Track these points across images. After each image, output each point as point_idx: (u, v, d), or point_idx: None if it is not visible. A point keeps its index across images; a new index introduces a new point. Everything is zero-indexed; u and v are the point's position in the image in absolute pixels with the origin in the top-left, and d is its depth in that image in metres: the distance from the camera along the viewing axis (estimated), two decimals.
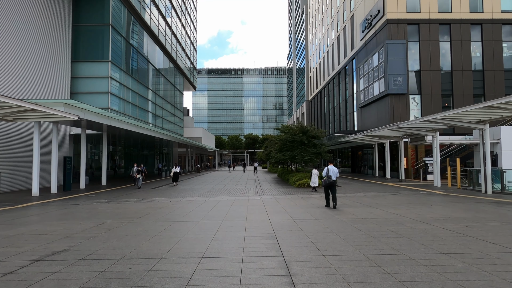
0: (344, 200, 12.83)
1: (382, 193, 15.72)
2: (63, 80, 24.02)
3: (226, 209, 10.47)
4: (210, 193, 16.68)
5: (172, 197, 14.78)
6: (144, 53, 32.74)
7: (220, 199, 14.06)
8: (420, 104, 28.41)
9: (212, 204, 11.95)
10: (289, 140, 22.10)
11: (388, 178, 26.45)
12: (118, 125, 20.20)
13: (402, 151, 24.44)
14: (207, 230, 7.03)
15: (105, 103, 25.12)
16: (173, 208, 10.90)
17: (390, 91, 27.87)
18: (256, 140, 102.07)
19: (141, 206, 11.74)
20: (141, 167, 21.42)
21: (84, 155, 20.54)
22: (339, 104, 44.74)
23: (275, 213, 9.51)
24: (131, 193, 16.83)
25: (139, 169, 19.86)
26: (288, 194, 15.72)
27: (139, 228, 7.31)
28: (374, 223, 7.49)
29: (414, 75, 28.57)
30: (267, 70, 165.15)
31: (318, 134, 22.08)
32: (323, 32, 53.19)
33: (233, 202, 12.77)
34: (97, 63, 25.47)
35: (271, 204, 11.98)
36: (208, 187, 20.60)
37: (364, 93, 33.45)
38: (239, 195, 15.58)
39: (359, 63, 35.73)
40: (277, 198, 13.99)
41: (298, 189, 18.62)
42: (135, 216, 9.10)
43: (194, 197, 14.80)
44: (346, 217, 8.47)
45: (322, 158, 21.98)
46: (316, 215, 9.06)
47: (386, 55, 28.03)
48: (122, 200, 13.95)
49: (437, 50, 28.38)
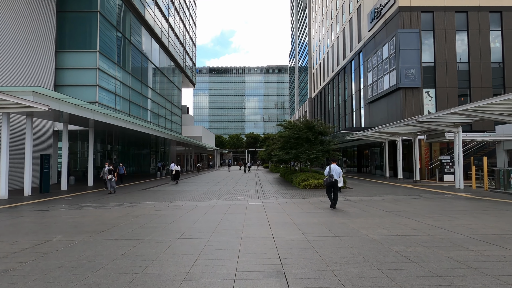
0: (362, 206, 10.70)
1: (402, 196, 13.60)
2: (46, 71, 21.97)
3: (218, 219, 8.37)
4: (204, 196, 14.58)
5: (158, 201, 12.70)
6: (138, 45, 30.68)
7: (214, 203, 11.95)
8: (435, 98, 26.23)
9: (203, 211, 9.85)
10: (293, 136, 19.98)
11: (400, 179, 24.30)
12: (103, 119, 18.15)
13: (417, 149, 22.29)
14: (182, 256, 4.91)
15: (93, 97, 23.06)
16: (152, 217, 8.80)
17: (402, 84, 25.70)
18: (257, 139, 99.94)
19: (116, 213, 9.65)
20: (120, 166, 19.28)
21: (66, 153, 18.48)
22: (344, 101, 42.56)
23: (280, 225, 7.39)
24: (114, 196, 14.75)
25: (110, 169, 16.06)
26: (293, 197, 13.61)
27: (88, 252, 5.19)
28: (421, 245, 5.34)
29: (428, 67, 26.38)
30: (268, 69, 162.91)
31: (325, 130, 19.94)
32: (327, 27, 50.99)
33: (229, 208, 10.67)
34: (83, 53, 23.41)
35: (274, 211, 9.87)
36: (203, 189, 18.50)
37: (373, 87, 31.28)
38: (236, 199, 13.48)
39: (366, 56, 33.54)
40: (281, 203, 11.87)
41: (304, 191, 16.51)
42: (97, 230, 7.01)
43: (184, 201, 12.70)
44: (375, 233, 6.34)
45: (329, 156, 19.84)
46: (334, 228, 6.93)
47: (398, 46, 25.85)
48: (99, 204, 11.87)
49: (453, 40, 26.18)
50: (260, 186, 20.12)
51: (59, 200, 13.53)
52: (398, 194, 14.72)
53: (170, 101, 42.09)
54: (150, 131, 25.53)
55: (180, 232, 6.69)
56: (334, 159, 11.75)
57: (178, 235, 6.39)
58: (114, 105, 25.77)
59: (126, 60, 28.52)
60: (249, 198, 13.68)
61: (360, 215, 8.62)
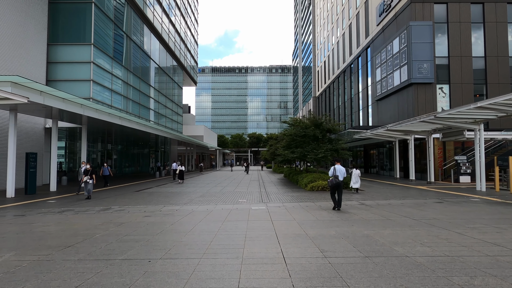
0: (381, 212, 9.29)
1: (422, 200, 12.18)
2: (37, 66, 20.72)
3: (215, 229, 7.00)
4: (202, 199, 13.22)
5: (150, 205, 11.34)
6: (137, 40, 29.39)
7: (212, 208, 10.58)
8: (449, 94, 24.72)
9: (198, 218, 8.48)
10: (300, 134, 18.57)
11: (412, 180, 22.83)
12: (95, 115, 16.85)
13: (431, 148, 20.82)
14: None
15: (87, 92, 21.78)
16: (138, 226, 7.45)
17: (414, 79, 24.22)
18: (260, 139, 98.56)
19: (98, 220, 8.31)
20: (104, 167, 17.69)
21: (55, 152, 17.19)
22: (350, 98, 41.08)
23: (291, 239, 5.99)
24: (103, 199, 13.42)
25: (87, 169, 13.47)
26: (301, 201, 12.21)
27: (30, 283, 3.81)
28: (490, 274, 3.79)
29: (441, 62, 24.88)
30: (271, 69, 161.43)
31: (334, 127, 18.51)
32: (332, 23, 49.53)
33: (229, 213, 9.29)
34: (77, 46, 22.15)
35: (282, 217, 8.49)
36: (203, 190, 17.15)
37: (382, 84, 29.81)
38: (238, 202, 12.11)
39: (375, 51, 32.08)
40: (288, 208, 10.48)
41: (312, 193, 15.11)
42: (63, 244, 5.66)
43: (179, 205, 11.34)
44: (415, 252, 4.92)
45: (338, 156, 18.41)
46: (360, 244, 5.52)
47: (410, 39, 24.38)
48: (83, 209, 10.54)
49: (469, 34, 24.66)
50: (264, 187, 18.74)
51: (42, 203, 12.22)
52: (417, 197, 13.30)
53: (170, 99, 40.81)
54: (149, 129, 24.23)
55: (164, 248, 5.32)
56: (338, 159, 10.73)
57: (161, 253, 5.01)
58: (110, 102, 24.49)
59: (124, 56, 27.24)
60: (252, 202, 12.31)
61: (386, 225, 7.21)
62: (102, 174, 18.96)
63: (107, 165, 18.58)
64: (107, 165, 18.62)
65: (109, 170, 18.99)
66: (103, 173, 18.95)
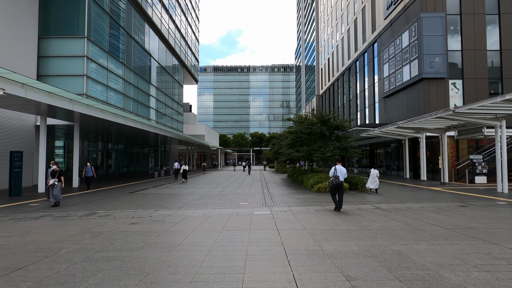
0: (403, 218, 8.04)
1: (443, 203, 10.93)
2: (27, 60, 19.61)
3: (209, 242, 5.78)
4: (200, 202, 12.01)
5: (141, 209, 10.15)
6: (134, 35, 28.22)
7: (209, 213, 9.38)
8: (462, 90, 23.39)
9: (191, 227, 7.28)
10: (305, 132, 17.32)
11: (423, 181, 21.56)
12: (86, 111, 15.71)
13: (445, 146, 19.52)
14: None
15: (80, 88, 20.64)
16: (117, 237, 6.25)
17: (425, 74, 22.91)
18: (263, 139, 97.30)
19: (73, 228, 7.11)
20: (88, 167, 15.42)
21: (43, 151, 16.04)
22: (356, 96, 39.75)
23: (304, 257, 4.75)
24: (91, 202, 12.25)
25: (54, 171, 11.15)
26: (309, 204, 10.98)
27: None
28: None
29: (454, 56, 23.55)
30: (273, 68, 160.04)
31: (342, 124, 17.24)
32: (336, 19, 48.21)
33: (227, 220, 8.08)
34: (70, 39, 21.00)
35: (289, 226, 7.26)
36: (201, 192, 15.95)
37: (390, 80, 28.49)
38: (239, 206, 10.89)
39: (382, 46, 30.76)
40: (295, 212, 9.26)
41: (319, 195, 13.87)
42: (16, 265, 4.46)
43: (173, 209, 10.14)
44: (475, 282, 3.69)
45: (346, 155, 17.17)
46: (394, 266, 4.29)
47: (421, 31, 23.07)
48: (64, 214, 9.37)
49: (483, 25, 23.32)
50: (267, 188, 17.50)
51: (24, 206, 11.06)
52: (436, 200, 12.04)
53: (170, 97, 39.65)
54: (146, 128, 23.06)
55: (140, 273, 4.10)
56: (339, 159, 10.30)
57: (133, 281, 3.79)
58: (105, 98, 23.35)
59: (121, 50, 26.09)
60: (254, 205, 11.09)
61: (417, 237, 5.96)
62: (85, 175, 16.63)
63: (90, 164, 16.40)
64: (91, 164, 16.43)
65: (93, 171, 16.71)
66: (86, 174, 16.59)
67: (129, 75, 27.46)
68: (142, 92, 30.15)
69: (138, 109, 29.28)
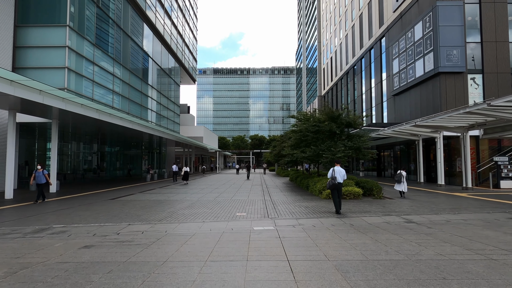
0: (454, 238, 5.93)
1: (488, 215, 8.84)
2: (1, 51, 17.57)
3: (187, 284, 3.67)
4: (188, 212, 9.90)
5: (110, 223, 8.03)
6: (125, 27, 26.20)
7: (195, 229, 7.27)
8: (482, 85, 21.35)
9: (164, 254, 5.17)
10: (312, 130, 15.22)
11: (441, 185, 19.46)
12: (61, 105, 13.66)
13: (467, 147, 17.42)
14: None
15: (61, 82, 18.59)
16: (43, 277, 4.14)
17: (442, 68, 20.88)
18: (263, 141, 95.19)
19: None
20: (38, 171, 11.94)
21: (12, 152, 13.95)
22: (361, 95, 37.71)
23: None
24: (56, 211, 10.13)
25: None
26: (322, 216, 8.87)
27: None
28: None
29: (473, 48, 21.53)
30: (274, 70, 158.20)
31: (355, 120, 15.14)
32: (340, 16, 46.31)
33: (217, 242, 5.97)
34: (50, 28, 19.00)
35: (305, 254, 5.15)
36: (193, 198, 13.83)
37: (400, 76, 26.46)
38: (234, 217, 8.77)
39: (391, 41, 28.77)
40: (308, 229, 7.15)
41: (329, 202, 11.74)
42: None
43: (151, 223, 8.03)
44: None
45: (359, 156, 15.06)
46: None
47: (437, 22, 21.07)
48: (13, 228, 7.27)
49: (505, 15, 21.33)
50: (269, 194, 15.37)
51: None
52: (473, 210, 9.95)
53: (166, 96, 37.59)
54: (137, 127, 20.93)
55: None
56: (338, 160, 9.97)
57: None
58: (91, 95, 21.29)
59: (110, 44, 24.07)
60: (254, 216, 8.98)
61: (510, 279, 3.86)
62: (35, 180, 12.14)
63: (42, 168, 12.16)
64: (42, 168, 12.24)
65: (46, 177, 12.18)
66: (37, 180, 12.06)
67: (120, 70, 25.41)
68: (134, 89, 28.08)
69: (130, 108, 27.21)
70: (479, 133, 18.67)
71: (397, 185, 13.92)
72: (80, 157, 31.02)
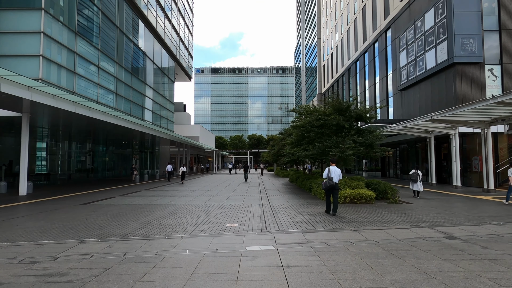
0: None
1: None
2: None
3: None
4: (166, 222, 7.96)
5: (58, 239, 6.11)
6: (110, 14, 24.22)
7: (167, 249, 5.35)
8: (501, 77, 19.53)
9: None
10: (316, 125, 13.31)
11: (457, 187, 17.60)
12: (27, 96, 11.74)
13: (489, 144, 15.55)
14: None
15: (35, 72, 16.62)
16: None
17: (457, 58, 19.05)
18: (261, 141, 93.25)
19: None
20: None
21: None
22: (364, 91, 35.85)
23: None
24: (5, 220, 8.18)
25: None
26: (336, 229, 6.96)
27: None
28: None
29: (491, 37, 19.70)
30: (272, 69, 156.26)
31: (365, 112, 13.23)
32: (341, 10, 44.45)
33: (191, 275, 4.05)
34: (23, 11, 17.04)
35: None
36: (180, 202, 11.90)
37: (408, 69, 24.60)
38: (223, 230, 6.85)
39: (397, 32, 26.92)
40: (322, 251, 5.24)
41: (339, 207, 9.82)
42: None
43: (111, 239, 6.09)
44: None
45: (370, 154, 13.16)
46: None
47: (451, 7, 19.24)
48: None
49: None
50: (267, 198, 13.45)
51: None
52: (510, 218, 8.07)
53: (159, 92, 35.60)
54: (122, 123, 18.93)
55: None
56: (333, 159, 9.25)
57: None
58: (72, 87, 19.33)
59: (94, 33, 22.11)
60: (248, 228, 7.06)
61: None
62: None
63: None
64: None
65: None
66: None
67: (106, 62, 23.43)
68: (122, 83, 26.09)
69: (117, 103, 25.23)
70: (498, 129, 16.82)
71: (414, 184, 13.25)
72: (66, 157, 29.05)
